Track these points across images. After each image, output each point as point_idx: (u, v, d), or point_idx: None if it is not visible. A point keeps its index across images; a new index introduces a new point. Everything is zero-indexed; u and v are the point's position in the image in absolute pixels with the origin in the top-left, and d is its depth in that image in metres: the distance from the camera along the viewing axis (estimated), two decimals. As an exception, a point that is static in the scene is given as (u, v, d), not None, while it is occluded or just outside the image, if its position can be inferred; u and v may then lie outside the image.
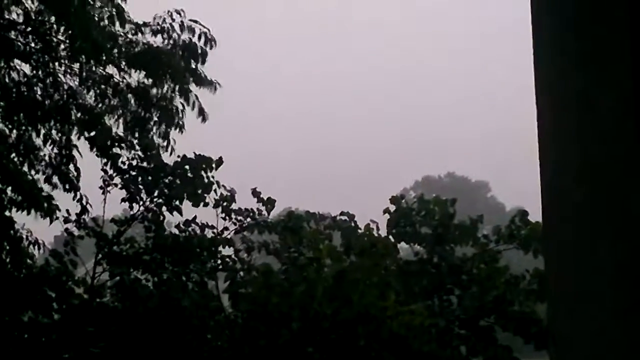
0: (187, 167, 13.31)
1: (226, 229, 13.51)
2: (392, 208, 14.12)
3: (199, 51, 13.45)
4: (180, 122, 13.83)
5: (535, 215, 13.08)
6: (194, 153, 13.41)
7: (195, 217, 13.50)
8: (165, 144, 13.78)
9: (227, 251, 13.55)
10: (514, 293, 13.22)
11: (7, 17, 12.85)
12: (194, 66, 13.59)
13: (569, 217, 2.26)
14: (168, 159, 13.62)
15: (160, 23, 13.61)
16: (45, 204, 13.26)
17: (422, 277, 13.70)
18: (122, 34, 13.46)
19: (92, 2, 12.92)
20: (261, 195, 13.58)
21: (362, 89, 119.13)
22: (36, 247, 13.55)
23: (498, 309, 13.25)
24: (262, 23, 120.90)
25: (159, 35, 13.64)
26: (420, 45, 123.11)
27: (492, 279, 13.41)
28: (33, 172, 13.67)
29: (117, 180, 13.48)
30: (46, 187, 13.68)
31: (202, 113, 13.81)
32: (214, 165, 13.31)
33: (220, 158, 13.40)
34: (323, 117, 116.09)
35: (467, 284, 13.60)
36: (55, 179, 13.69)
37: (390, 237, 13.90)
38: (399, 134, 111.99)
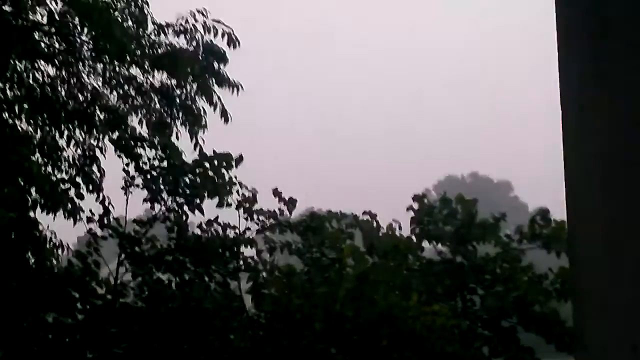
0: (207, 164, 13.32)
1: (248, 229, 13.50)
2: (415, 206, 14.07)
3: (221, 52, 13.45)
4: (204, 122, 13.84)
5: (559, 214, 13.04)
6: (214, 150, 13.42)
7: (217, 217, 13.50)
8: (193, 142, 13.79)
9: (250, 252, 13.55)
10: (536, 293, 13.16)
11: (31, 18, 12.91)
12: (215, 67, 13.59)
13: (594, 217, 2.24)
14: (196, 157, 13.63)
15: (183, 24, 13.63)
16: (69, 205, 13.30)
17: (445, 277, 13.65)
18: (145, 34, 13.49)
19: (115, 4, 12.96)
20: (282, 195, 13.57)
21: (384, 88, 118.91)
22: (60, 248, 13.60)
23: (520, 309, 13.21)
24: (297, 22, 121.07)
25: (182, 36, 13.66)
26: (443, 45, 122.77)
27: (515, 279, 13.36)
28: (57, 173, 13.71)
29: (139, 180, 13.51)
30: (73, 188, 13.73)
31: (224, 114, 13.81)
32: (233, 163, 13.31)
33: (241, 155, 13.39)
34: (345, 117, 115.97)
35: (490, 284, 13.55)
36: (79, 180, 13.73)
37: (413, 236, 13.86)
38: (421, 132, 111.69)
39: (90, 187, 13.69)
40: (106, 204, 13.64)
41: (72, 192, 13.52)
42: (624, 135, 2.17)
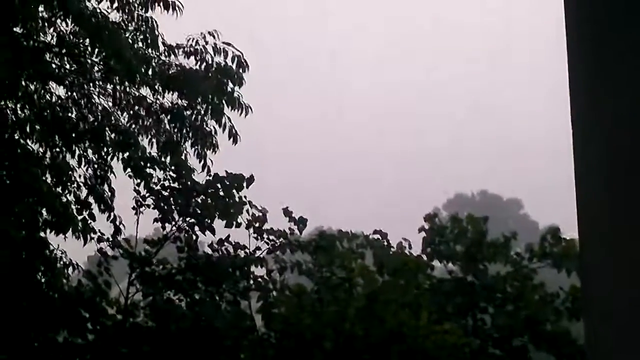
0: (218, 185, 13.37)
1: (258, 248, 13.53)
2: (427, 226, 14.08)
3: (234, 74, 13.51)
4: (214, 143, 13.88)
5: (570, 232, 13.04)
6: (225, 172, 13.47)
7: (228, 237, 13.52)
8: (201, 164, 13.83)
9: (260, 271, 13.57)
10: (547, 312, 13.13)
11: (42, 39, 12.98)
12: (229, 89, 13.63)
13: (607, 235, 2.24)
14: (203, 179, 13.67)
15: (193, 45, 13.69)
16: (80, 225, 13.33)
17: (456, 295, 13.64)
18: (155, 55, 13.55)
19: (126, 24, 13.04)
20: (293, 215, 13.59)
21: (391, 112, 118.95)
22: (70, 268, 13.63)
23: (531, 328, 13.18)
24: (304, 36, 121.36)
25: (192, 57, 13.72)
26: (453, 63, 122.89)
27: (525, 298, 13.34)
28: (67, 193, 13.75)
29: (150, 200, 13.56)
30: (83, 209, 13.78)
31: (232, 135, 13.85)
32: (244, 184, 13.36)
33: (252, 176, 13.44)
34: (355, 136, 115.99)
35: (501, 303, 13.52)
36: (90, 200, 13.78)
37: (424, 255, 13.86)
38: (431, 151, 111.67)
39: (102, 207, 13.73)
40: (117, 223, 13.69)
41: (83, 212, 13.56)
42: (630, 137, 2.18)
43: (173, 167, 13.57)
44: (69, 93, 13.69)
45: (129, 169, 13.56)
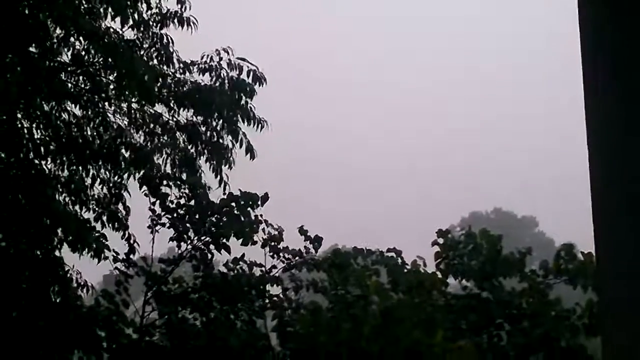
0: (233, 204, 13.37)
1: (274, 267, 13.52)
2: (440, 241, 14.03)
3: (247, 87, 13.55)
4: (231, 159, 13.90)
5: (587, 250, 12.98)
6: (240, 190, 13.48)
7: (243, 255, 13.52)
8: (217, 180, 13.85)
9: (275, 289, 13.55)
10: (562, 329, 13.06)
11: (57, 59, 13.06)
12: (243, 102, 13.68)
13: (624, 251, 2.23)
14: (220, 196, 13.69)
15: (207, 61, 13.75)
16: (94, 244, 13.35)
17: (470, 312, 13.57)
18: (170, 73, 13.61)
19: (140, 42, 13.11)
20: (308, 234, 13.59)
21: (404, 128, 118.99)
22: (85, 288, 13.65)
23: (546, 345, 13.10)
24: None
25: (207, 74, 13.78)
26: (460, 79, 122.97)
27: (541, 314, 13.27)
28: (83, 211, 13.79)
29: (165, 219, 13.57)
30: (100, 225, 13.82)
31: (249, 151, 13.88)
32: (259, 203, 13.37)
33: (266, 194, 13.45)
34: (367, 153, 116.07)
35: (517, 319, 13.45)
36: (104, 218, 13.81)
37: (438, 272, 13.80)
38: (445, 169, 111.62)
39: (116, 225, 13.77)
40: (131, 242, 13.71)
41: (98, 231, 13.60)
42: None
43: (188, 186, 13.58)
44: (84, 112, 13.75)
45: (144, 187, 13.61)
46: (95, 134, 13.86)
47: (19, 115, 13.15)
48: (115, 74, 12.86)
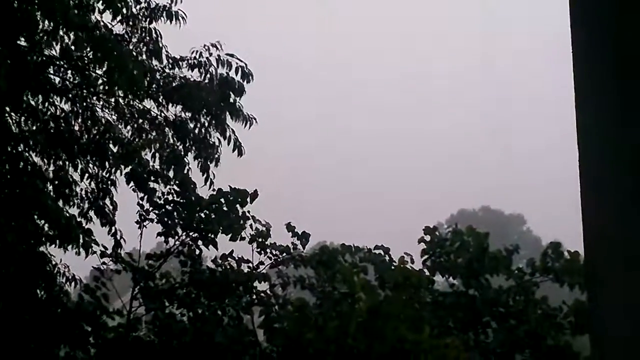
0: (222, 200, 13.35)
1: (261, 263, 13.51)
2: (427, 238, 14.05)
3: (236, 85, 13.52)
4: (217, 156, 13.88)
5: (574, 248, 13.02)
6: (229, 186, 13.46)
7: (232, 252, 13.51)
8: (204, 177, 13.82)
9: (263, 286, 13.55)
10: (547, 327, 13.11)
11: (45, 53, 13.00)
12: (231, 100, 13.65)
13: (613, 249, 2.24)
14: (207, 192, 13.66)
15: (197, 57, 13.71)
16: (81, 239, 13.30)
17: (457, 310, 13.61)
18: (159, 68, 13.58)
19: (129, 36, 13.07)
20: (296, 230, 13.59)
21: (395, 127, 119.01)
22: (72, 283, 13.62)
23: (532, 343, 13.15)
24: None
25: (196, 69, 13.74)
26: (456, 79, 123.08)
27: (527, 312, 13.32)
28: (69, 207, 13.74)
29: (153, 214, 13.56)
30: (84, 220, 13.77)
31: (237, 147, 13.85)
32: (248, 199, 13.36)
33: (255, 191, 13.44)
34: (359, 151, 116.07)
35: (504, 317, 13.49)
36: (91, 213, 13.77)
37: (425, 269, 13.82)
38: (433, 167, 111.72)
39: (104, 220, 13.74)
40: (118, 237, 13.68)
41: (84, 226, 13.56)
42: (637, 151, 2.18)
43: (177, 182, 13.57)
44: (72, 106, 13.70)
45: (132, 183, 13.59)
46: (83, 128, 13.81)
47: (7, 109, 13.09)
48: (104, 68, 12.80)
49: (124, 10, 12.62)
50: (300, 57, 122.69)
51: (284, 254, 13.51)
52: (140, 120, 14.00)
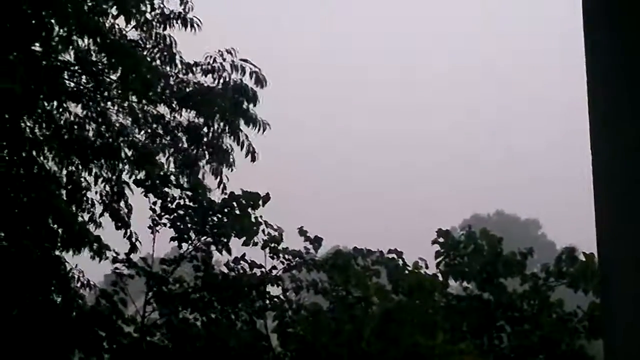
0: (234, 204, 13.34)
1: (274, 267, 13.49)
2: (440, 240, 13.99)
3: (250, 92, 13.53)
4: (231, 161, 13.88)
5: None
6: (242, 190, 13.45)
7: (244, 255, 13.49)
8: (217, 181, 13.82)
9: (276, 290, 13.53)
10: (561, 332, 13.05)
11: (60, 58, 13.04)
12: (245, 106, 13.66)
13: (627, 254, 2.22)
14: (219, 196, 13.67)
15: (210, 63, 13.73)
16: (95, 244, 13.34)
17: (471, 314, 13.55)
18: (173, 73, 13.60)
19: (144, 42, 13.10)
20: (308, 234, 13.56)
21: (408, 129, 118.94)
22: (87, 288, 13.64)
23: (547, 347, 13.10)
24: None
25: (210, 75, 13.77)
26: (470, 87, 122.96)
27: (542, 317, 13.26)
28: (82, 212, 13.78)
29: (166, 219, 13.55)
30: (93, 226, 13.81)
31: (250, 152, 13.85)
32: (260, 203, 13.33)
33: (267, 194, 13.41)
34: (370, 157, 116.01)
35: (518, 322, 13.43)
36: (105, 217, 13.81)
37: (439, 274, 13.77)
38: (448, 172, 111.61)
39: (119, 224, 13.76)
40: (133, 240, 13.70)
41: (98, 230, 13.60)
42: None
43: (190, 186, 13.57)
44: (86, 111, 13.74)
45: (142, 188, 13.61)
46: (97, 132, 13.84)
47: (22, 114, 13.14)
48: (119, 74, 12.84)
49: (138, 16, 12.66)
50: (300, 57, 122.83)
51: (297, 259, 13.48)
52: (154, 125, 14.03)
